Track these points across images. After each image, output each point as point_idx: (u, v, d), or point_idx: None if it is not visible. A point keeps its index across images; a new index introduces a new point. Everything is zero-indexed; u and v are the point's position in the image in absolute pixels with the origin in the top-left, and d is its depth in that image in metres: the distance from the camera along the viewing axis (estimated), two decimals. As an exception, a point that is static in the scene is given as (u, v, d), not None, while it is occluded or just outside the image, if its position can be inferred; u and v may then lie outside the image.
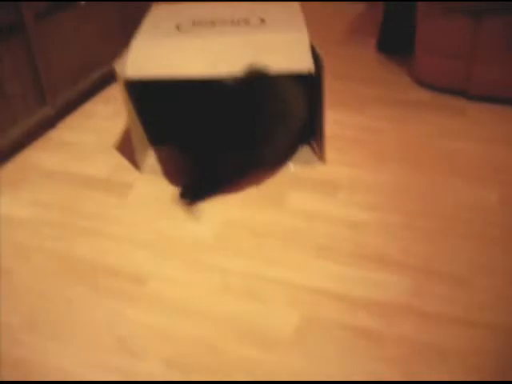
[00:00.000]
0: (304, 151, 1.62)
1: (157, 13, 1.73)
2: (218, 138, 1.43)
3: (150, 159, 1.61)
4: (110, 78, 2.04)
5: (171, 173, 1.54)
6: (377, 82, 2.01)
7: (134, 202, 1.45)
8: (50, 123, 1.79)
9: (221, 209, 1.41)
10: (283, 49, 1.49)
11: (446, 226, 1.32)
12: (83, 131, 1.78)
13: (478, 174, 1.50)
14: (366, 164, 1.56)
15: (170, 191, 1.47)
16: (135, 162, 1.56)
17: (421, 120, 1.77)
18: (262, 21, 1.60)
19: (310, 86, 1.51)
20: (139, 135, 1.56)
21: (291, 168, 1.55)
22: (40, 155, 1.66)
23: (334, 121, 1.72)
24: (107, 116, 1.87)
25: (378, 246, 1.27)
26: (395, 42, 2.22)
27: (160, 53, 1.49)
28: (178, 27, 1.60)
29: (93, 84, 1.96)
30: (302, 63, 1.46)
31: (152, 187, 1.50)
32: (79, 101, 1.92)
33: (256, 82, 1.45)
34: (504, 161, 1.56)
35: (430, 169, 1.53)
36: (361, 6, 2.80)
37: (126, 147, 1.66)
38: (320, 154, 1.57)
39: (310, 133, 1.66)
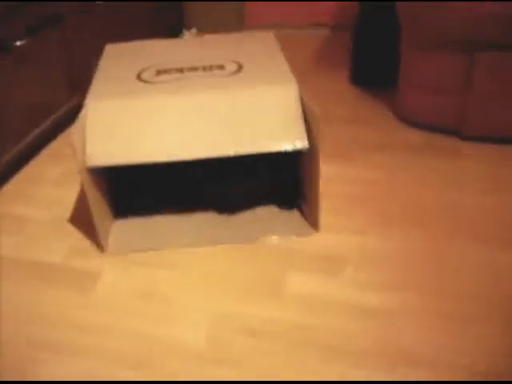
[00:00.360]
0: (294, 217, 1.40)
1: (112, 55, 1.48)
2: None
3: (115, 236, 1.35)
4: (54, 131, 1.78)
5: (142, 250, 1.30)
6: (359, 122, 1.82)
7: (102, 299, 1.18)
8: (-13, 193, 1.50)
9: (208, 300, 1.17)
10: (268, 114, 1.26)
11: (455, 307, 1.13)
12: (30, 202, 1.50)
13: (483, 231, 1.34)
14: (367, 229, 1.36)
15: (145, 278, 1.23)
16: (96, 241, 1.30)
17: (416, 167, 1.59)
18: (239, 67, 1.38)
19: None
20: (100, 209, 1.31)
21: (274, 240, 1.33)
22: (-22, 237, 1.38)
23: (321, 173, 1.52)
24: (56, 180, 1.59)
25: (392, 339, 1.07)
26: (371, 73, 2.04)
27: (123, 129, 1.24)
28: (139, 76, 1.36)
29: (37, 140, 1.68)
30: (293, 138, 1.25)
31: (121, 275, 1.24)
32: (22, 161, 1.64)
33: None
34: (509, 213, 1.41)
35: (435, 228, 1.35)
36: (324, 32, 2.61)
37: (81, 222, 1.39)
38: (313, 222, 1.36)
39: (295, 194, 1.46)
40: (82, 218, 1.40)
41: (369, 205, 1.45)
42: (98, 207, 1.28)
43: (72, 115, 1.82)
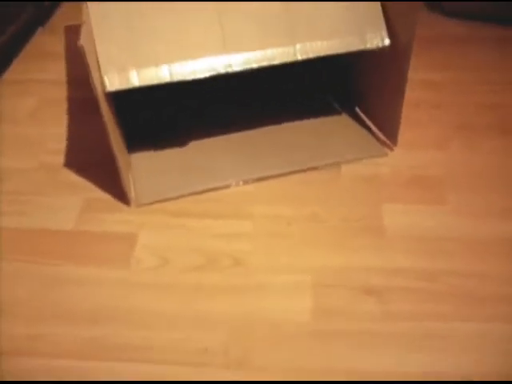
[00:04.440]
0: (356, 131, 1.10)
1: None
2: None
3: (139, 180, 1.00)
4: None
5: (182, 196, 0.97)
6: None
7: (147, 271, 0.85)
8: None
9: (295, 255, 0.87)
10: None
11: None
12: (4, 147, 1.10)
13: None
14: (449, 142, 1.10)
15: (197, 235, 0.91)
16: (117, 191, 0.96)
17: (479, 64, 1.32)
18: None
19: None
20: (120, 148, 0.95)
21: (347, 164, 1.04)
22: None
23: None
24: (30, 115, 1.18)
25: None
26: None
27: (143, 33, 0.87)
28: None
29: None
30: (373, 32, 0.94)
31: (164, 234, 0.91)
32: None
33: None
34: None
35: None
36: None
37: (83, 168, 1.03)
38: (389, 138, 1.07)
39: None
40: (82, 164, 1.04)
41: (441, 112, 1.18)
42: (118, 145, 0.93)
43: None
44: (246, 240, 0.90)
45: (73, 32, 1.48)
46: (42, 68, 1.35)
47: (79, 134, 1.12)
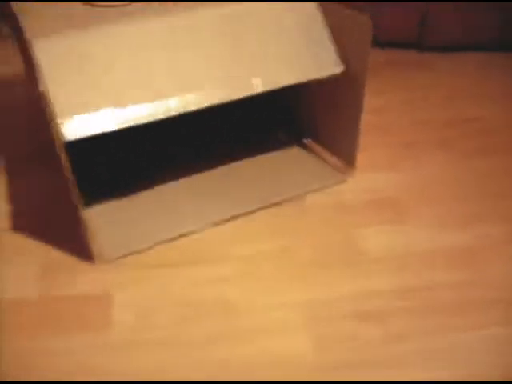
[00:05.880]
0: (310, 161, 1.11)
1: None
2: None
3: (100, 234, 0.93)
4: None
5: (149, 247, 0.92)
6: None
7: (134, 331, 0.79)
8: None
9: (282, 292, 0.84)
10: (287, 33, 0.95)
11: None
12: None
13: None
14: (397, 163, 1.13)
15: (179, 284, 0.86)
16: (77, 249, 0.89)
17: (406, 86, 1.39)
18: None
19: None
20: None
21: (309, 195, 1.04)
22: None
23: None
24: None
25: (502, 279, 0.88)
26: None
27: (94, 77, 0.82)
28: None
29: None
30: (326, 60, 0.96)
31: (141, 288, 0.85)
32: None
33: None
34: None
35: (459, 148, 1.17)
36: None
37: (32, 229, 0.95)
38: (348, 163, 1.08)
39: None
40: (31, 225, 0.96)
41: (379, 135, 1.22)
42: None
43: None
44: (227, 284, 0.86)
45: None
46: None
47: (21, 192, 1.03)
